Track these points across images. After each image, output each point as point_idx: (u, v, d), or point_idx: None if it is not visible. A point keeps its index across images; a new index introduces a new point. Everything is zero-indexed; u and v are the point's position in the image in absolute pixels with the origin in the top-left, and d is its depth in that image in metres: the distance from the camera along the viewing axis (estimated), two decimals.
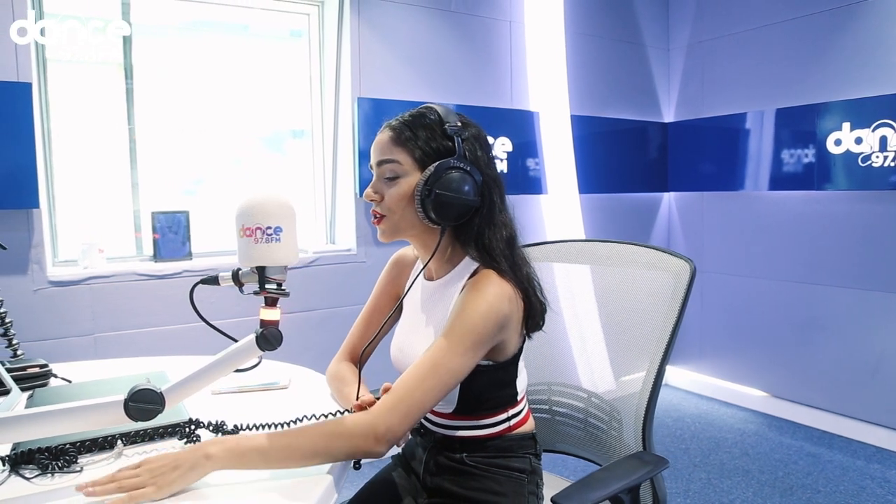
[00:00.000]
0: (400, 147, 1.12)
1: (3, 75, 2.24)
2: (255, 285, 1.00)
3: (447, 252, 1.19)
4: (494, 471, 1.17)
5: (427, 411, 1.05)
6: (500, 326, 1.08)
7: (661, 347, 1.30)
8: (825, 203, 3.32)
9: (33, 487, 0.94)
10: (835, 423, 3.33)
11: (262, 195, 0.97)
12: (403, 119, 1.15)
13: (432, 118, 1.13)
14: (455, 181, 1.08)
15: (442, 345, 1.04)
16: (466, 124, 1.15)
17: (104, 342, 2.45)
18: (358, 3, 2.93)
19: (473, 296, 1.07)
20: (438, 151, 1.11)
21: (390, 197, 1.13)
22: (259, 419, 1.12)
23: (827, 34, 3.23)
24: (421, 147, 1.11)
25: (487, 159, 1.15)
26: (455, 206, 1.08)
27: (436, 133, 1.12)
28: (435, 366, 1.03)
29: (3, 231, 1.72)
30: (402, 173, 1.12)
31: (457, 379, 1.06)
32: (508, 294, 1.08)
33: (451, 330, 1.05)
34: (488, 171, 1.14)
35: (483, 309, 1.05)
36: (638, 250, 1.41)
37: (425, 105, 1.17)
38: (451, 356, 1.03)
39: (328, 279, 2.92)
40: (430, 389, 1.02)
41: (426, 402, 1.03)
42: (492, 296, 1.06)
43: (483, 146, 1.16)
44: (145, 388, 0.96)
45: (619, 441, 1.38)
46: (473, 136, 1.14)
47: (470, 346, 1.04)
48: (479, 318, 1.05)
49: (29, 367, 1.48)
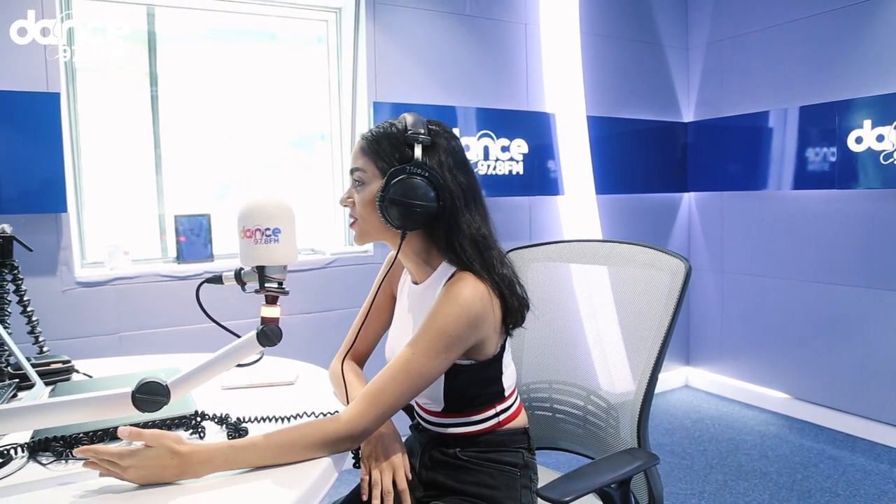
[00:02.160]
0: (366, 156, 1.19)
1: (34, 86, 2.34)
2: (256, 284, 1.05)
3: (424, 256, 1.24)
4: (487, 465, 1.21)
5: (399, 410, 1.11)
6: (472, 327, 1.11)
7: (656, 345, 1.32)
8: (846, 202, 3.27)
9: (48, 473, 1.01)
10: (858, 425, 3.28)
11: (262, 198, 1.02)
12: (373, 130, 1.22)
13: (398, 128, 1.19)
14: (409, 187, 1.12)
15: (414, 348, 1.09)
16: (436, 132, 1.19)
17: (128, 341, 2.54)
18: (374, 8, 2.98)
19: (446, 299, 1.11)
20: (401, 159, 1.16)
21: (358, 202, 1.20)
22: (259, 412, 1.18)
23: (847, 31, 3.19)
24: (383, 156, 1.17)
25: (454, 165, 1.18)
26: (410, 210, 1.12)
27: (398, 142, 1.17)
28: (407, 369, 1.08)
29: (33, 234, 1.81)
30: (367, 180, 1.19)
31: (428, 381, 1.10)
32: (481, 294, 1.12)
33: (423, 333, 1.10)
34: (452, 176, 1.17)
35: (454, 311, 1.09)
36: (634, 249, 1.43)
37: (402, 114, 1.22)
38: (422, 359, 1.08)
39: (346, 280, 2.98)
40: (402, 392, 1.08)
41: (398, 403, 1.09)
42: (463, 298, 1.10)
43: (450, 152, 1.19)
44: (151, 380, 1.02)
45: (617, 438, 1.41)
46: (441, 143, 1.18)
47: (441, 348, 1.09)
48: (449, 321, 1.09)
49: (52, 363, 1.56)
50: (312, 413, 1.17)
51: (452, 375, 1.15)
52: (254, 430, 1.12)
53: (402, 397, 1.08)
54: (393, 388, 1.07)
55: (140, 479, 0.93)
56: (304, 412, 1.17)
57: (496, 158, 3.29)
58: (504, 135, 3.30)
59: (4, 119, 2.28)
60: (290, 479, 0.96)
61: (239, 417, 1.16)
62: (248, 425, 1.14)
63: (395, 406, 1.08)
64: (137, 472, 0.93)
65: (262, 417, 1.16)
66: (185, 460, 0.94)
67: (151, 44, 2.83)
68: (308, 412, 1.17)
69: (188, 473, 0.95)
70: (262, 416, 1.16)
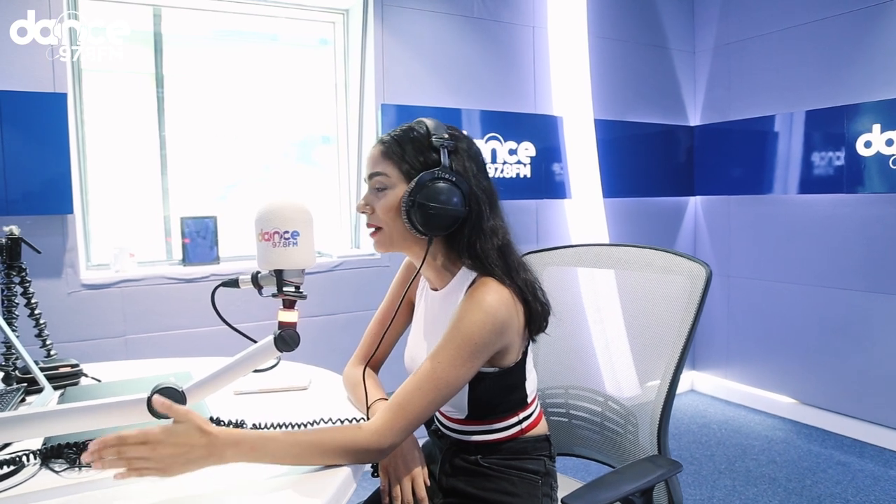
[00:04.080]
0: (388, 160, 1.16)
1: (41, 86, 2.32)
2: (273, 288, 1.03)
3: (444, 262, 1.21)
4: (508, 472, 1.19)
5: (426, 420, 1.09)
6: (498, 333, 1.09)
7: (676, 351, 1.31)
8: (855, 206, 3.26)
9: (62, 480, 0.98)
10: (867, 431, 3.26)
11: (280, 201, 1.00)
12: (393, 133, 1.18)
13: (420, 132, 1.16)
14: (439, 192, 1.10)
15: (439, 356, 1.07)
16: (457, 137, 1.17)
17: (134, 344, 2.52)
18: (381, 10, 2.97)
19: (470, 305, 1.09)
20: (425, 164, 1.13)
21: (380, 208, 1.17)
22: (277, 419, 1.15)
23: (856, 35, 3.18)
24: (407, 160, 1.14)
25: (477, 170, 1.17)
26: (440, 215, 1.10)
27: (423, 146, 1.14)
28: (433, 379, 1.06)
29: (39, 236, 1.79)
30: (390, 185, 1.15)
31: (454, 390, 1.08)
32: (506, 300, 1.10)
33: (449, 341, 1.07)
34: (476, 181, 1.15)
35: (479, 318, 1.07)
36: (652, 254, 1.41)
37: (418, 119, 1.20)
38: (448, 368, 1.06)
39: (352, 283, 2.96)
40: (429, 402, 1.06)
41: (425, 414, 1.06)
42: (488, 304, 1.08)
43: (472, 157, 1.17)
44: (167, 386, 1.00)
45: (636, 445, 1.39)
46: (463, 148, 1.17)
47: (467, 356, 1.06)
48: (475, 328, 1.07)
49: (61, 367, 1.54)
50: (330, 419, 1.14)
51: (476, 383, 1.12)
52: None
53: (429, 407, 1.06)
54: (419, 399, 1.05)
55: (168, 457, 0.88)
56: (321, 419, 1.15)
57: (504, 161, 3.27)
58: (512, 138, 3.29)
59: (11, 119, 2.26)
60: (311, 488, 0.95)
61: (255, 423, 1.13)
62: (262, 432, 1.11)
63: (422, 417, 1.06)
64: (166, 450, 0.88)
65: (279, 424, 1.13)
66: (213, 440, 0.91)
67: (157, 45, 2.81)
68: (326, 419, 1.14)
69: (214, 456, 0.91)
70: (280, 422, 1.14)
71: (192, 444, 0.90)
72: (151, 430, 0.89)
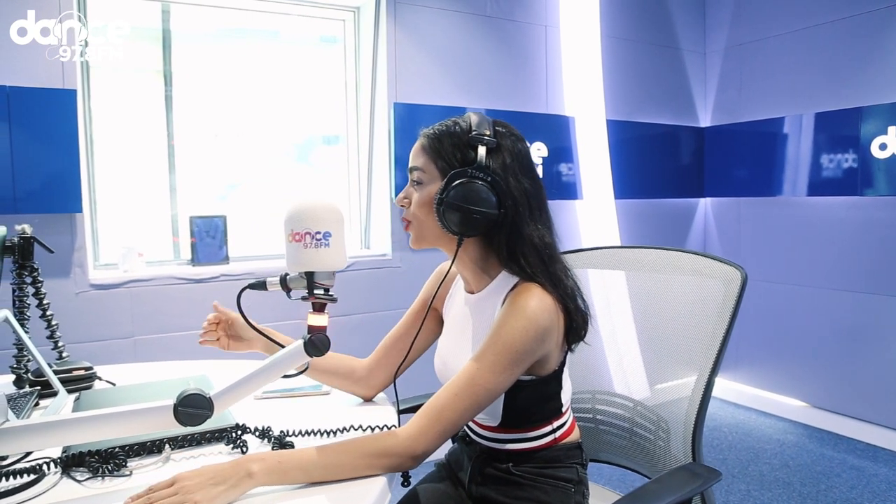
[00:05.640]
0: (426, 154, 1.13)
1: (50, 82, 2.28)
2: (301, 291, 1.00)
3: (482, 264, 1.17)
4: (542, 480, 1.15)
5: (461, 428, 1.06)
6: (539, 341, 1.05)
7: (711, 356, 1.27)
8: (868, 209, 3.23)
9: (84, 490, 0.94)
10: (879, 435, 3.22)
11: (312, 200, 0.97)
12: (436, 127, 1.14)
13: (462, 127, 1.12)
14: (469, 191, 1.06)
15: (479, 363, 1.03)
16: (501, 134, 1.12)
17: (143, 345, 2.48)
18: (394, 8, 2.93)
19: (512, 311, 1.04)
20: (462, 161, 1.09)
21: (414, 203, 1.14)
22: (302, 425, 1.12)
23: (870, 37, 3.15)
24: (444, 156, 1.10)
25: (520, 170, 1.11)
26: (470, 215, 1.06)
27: (461, 142, 1.10)
28: (472, 385, 1.02)
29: (47, 234, 1.75)
30: (426, 181, 1.12)
31: (492, 397, 1.04)
32: (549, 307, 1.05)
33: (490, 347, 1.03)
34: (516, 181, 1.10)
35: (522, 325, 1.03)
36: (684, 257, 1.38)
37: (466, 113, 1.15)
38: (488, 374, 1.02)
39: (363, 284, 2.92)
40: (465, 409, 1.02)
41: (461, 421, 1.03)
42: (531, 310, 1.03)
43: (516, 156, 1.12)
44: (194, 392, 0.96)
45: (667, 452, 1.35)
46: (506, 146, 1.11)
47: (508, 363, 1.03)
48: (518, 335, 1.03)
49: (75, 370, 1.50)
50: (360, 426, 1.11)
51: (513, 391, 1.08)
52: (300, 445, 1.06)
53: (465, 414, 1.02)
54: (456, 405, 1.01)
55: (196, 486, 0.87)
56: (350, 425, 1.11)
57: None
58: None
59: (20, 116, 2.21)
60: (346, 497, 0.91)
61: (282, 430, 1.10)
62: (292, 439, 1.08)
63: (458, 424, 1.02)
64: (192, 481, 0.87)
65: (307, 431, 1.10)
66: (238, 459, 0.92)
67: (166, 41, 2.77)
68: (356, 425, 1.11)
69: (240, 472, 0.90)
70: (308, 429, 1.10)
71: (217, 468, 0.90)
72: (179, 473, 0.90)
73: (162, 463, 1.04)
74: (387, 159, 2.98)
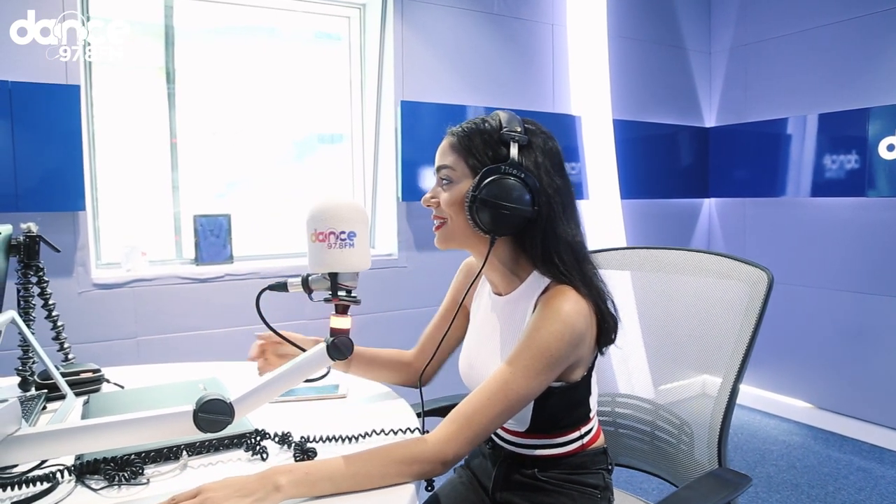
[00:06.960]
0: (456, 153, 1.10)
1: (54, 78, 2.24)
2: (324, 292, 0.97)
3: (511, 265, 1.14)
4: (569, 487, 1.13)
5: (491, 433, 1.05)
6: (574, 346, 1.02)
7: (737, 359, 1.25)
8: (875, 210, 3.21)
9: (100, 499, 0.91)
10: (886, 436, 3.21)
11: (336, 199, 0.94)
12: (464, 125, 1.12)
13: (492, 124, 1.09)
14: (503, 188, 1.03)
15: (513, 367, 1.00)
16: (532, 132, 1.10)
17: (147, 345, 2.44)
18: (401, 6, 2.90)
19: (546, 315, 1.01)
20: (494, 158, 1.07)
21: (444, 201, 1.11)
22: (322, 430, 1.08)
23: (877, 37, 3.13)
24: (475, 154, 1.08)
25: (551, 167, 1.09)
26: (503, 213, 1.03)
27: (492, 139, 1.08)
28: (504, 389, 0.99)
29: (50, 233, 1.71)
30: (456, 179, 1.10)
31: (524, 403, 1.02)
32: (584, 311, 1.03)
33: (524, 351, 1.00)
34: (548, 179, 1.08)
35: (556, 329, 1.00)
36: (707, 258, 1.35)
37: (494, 112, 1.13)
38: (521, 379, 0.99)
39: (369, 284, 2.87)
40: (497, 414, 0.99)
41: (492, 427, 1.00)
42: (566, 314, 1.01)
43: (547, 154, 1.10)
44: (214, 398, 0.92)
45: (690, 457, 1.32)
46: (538, 144, 1.09)
47: (542, 368, 1.00)
48: (553, 339, 1.00)
49: (82, 373, 1.46)
50: (382, 431, 1.08)
51: (543, 397, 1.05)
52: (322, 452, 1.03)
53: (497, 419, 0.99)
54: (488, 410, 0.98)
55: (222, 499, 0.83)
56: (372, 430, 1.08)
57: None
58: None
59: (22, 112, 2.17)
60: None
61: (303, 436, 1.06)
62: (314, 445, 1.04)
63: (489, 429, 0.99)
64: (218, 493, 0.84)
65: (329, 437, 1.06)
66: (264, 471, 0.88)
67: (169, 38, 2.73)
68: (377, 430, 1.08)
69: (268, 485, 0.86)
70: (329, 435, 1.07)
71: (243, 481, 0.87)
72: (203, 484, 0.86)
73: (179, 470, 1.00)
74: (393, 158, 2.95)
